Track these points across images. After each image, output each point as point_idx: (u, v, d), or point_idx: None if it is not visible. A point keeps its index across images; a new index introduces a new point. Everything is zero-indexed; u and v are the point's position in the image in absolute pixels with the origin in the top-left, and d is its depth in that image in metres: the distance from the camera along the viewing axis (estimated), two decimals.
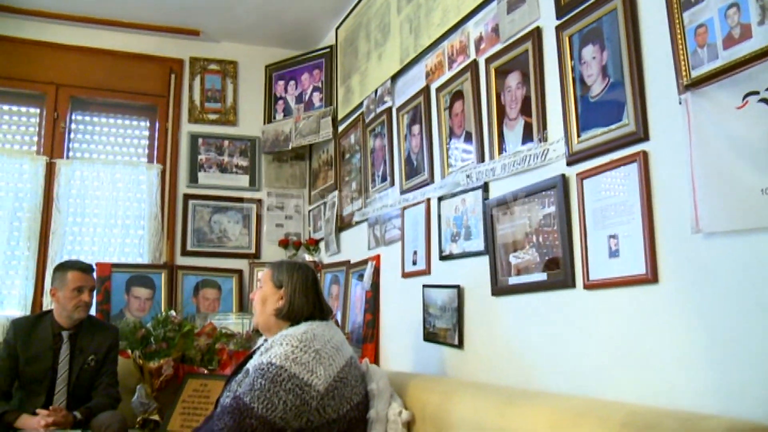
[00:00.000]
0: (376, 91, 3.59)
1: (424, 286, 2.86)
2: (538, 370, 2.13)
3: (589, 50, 2.01)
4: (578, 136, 2.02)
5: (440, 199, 2.81)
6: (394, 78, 3.40)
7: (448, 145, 2.80)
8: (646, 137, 1.77)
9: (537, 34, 2.27)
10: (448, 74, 2.84)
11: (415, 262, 3.00)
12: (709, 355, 1.54)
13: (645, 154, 1.77)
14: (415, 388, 2.30)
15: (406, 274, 3.09)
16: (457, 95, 2.75)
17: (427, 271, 2.89)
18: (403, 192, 3.18)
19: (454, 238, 2.69)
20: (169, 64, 4.63)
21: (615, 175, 1.86)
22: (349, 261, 3.82)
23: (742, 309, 1.47)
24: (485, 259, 2.44)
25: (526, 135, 2.29)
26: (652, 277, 1.71)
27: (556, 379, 2.03)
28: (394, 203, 3.26)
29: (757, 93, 1.44)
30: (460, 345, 2.57)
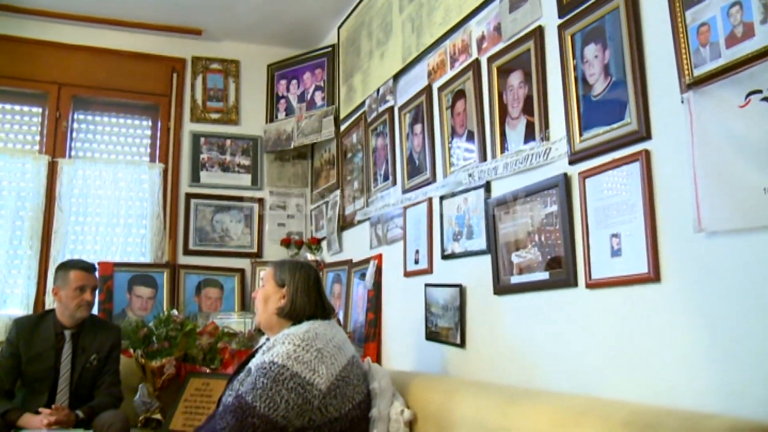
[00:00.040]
0: (378, 90, 3.59)
1: (426, 285, 2.86)
2: (540, 369, 2.13)
3: (591, 49, 2.00)
4: (580, 135, 2.02)
5: (442, 198, 2.81)
6: (396, 77, 3.39)
7: (450, 144, 2.80)
8: (648, 136, 1.77)
9: (539, 33, 2.26)
10: (450, 73, 2.84)
11: (417, 261, 3.00)
12: (711, 355, 1.53)
13: (647, 153, 1.76)
14: (417, 387, 2.30)
15: (408, 273, 3.09)
16: (459, 94, 2.74)
17: (429, 270, 2.89)
18: (405, 191, 3.18)
19: (456, 237, 2.68)
20: (171, 64, 4.63)
21: (617, 174, 1.86)
22: (351, 260, 3.83)
23: (744, 308, 1.47)
24: (487, 258, 2.44)
25: (528, 134, 2.29)
26: (654, 276, 1.71)
27: (558, 378, 2.03)
28: (396, 202, 3.26)
29: (759, 92, 1.44)
30: (462, 344, 2.57)
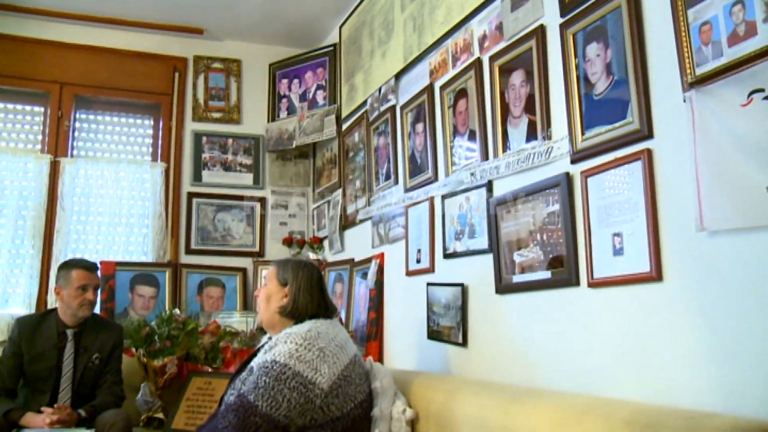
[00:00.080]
0: (380, 90, 3.58)
1: (428, 285, 2.86)
2: (542, 368, 2.13)
3: (593, 48, 2.00)
4: (582, 134, 2.01)
5: (444, 198, 2.81)
6: (398, 76, 3.39)
7: (452, 144, 2.80)
8: (650, 135, 1.77)
9: (541, 31, 2.26)
10: (452, 72, 2.84)
11: (419, 261, 3.00)
12: (713, 354, 1.53)
13: (649, 152, 1.76)
14: (419, 386, 2.30)
15: (410, 273, 3.08)
16: (461, 93, 2.74)
17: (431, 270, 2.89)
18: (407, 190, 3.18)
19: (458, 237, 2.68)
20: (172, 63, 4.63)
21: (619, 173, 1.86)
22: (353, 259, 3.83)
23: (746, 307, 1.46)
24: (489, 258, 2.44)
25: (530, 133, 2.29)
26: (656, 275, 1.70)
27: (560, 377, 2.03)
28: (398, 201, 3.26)
29: (762, 90, 1.43)
30: (464, 343, 2.57)
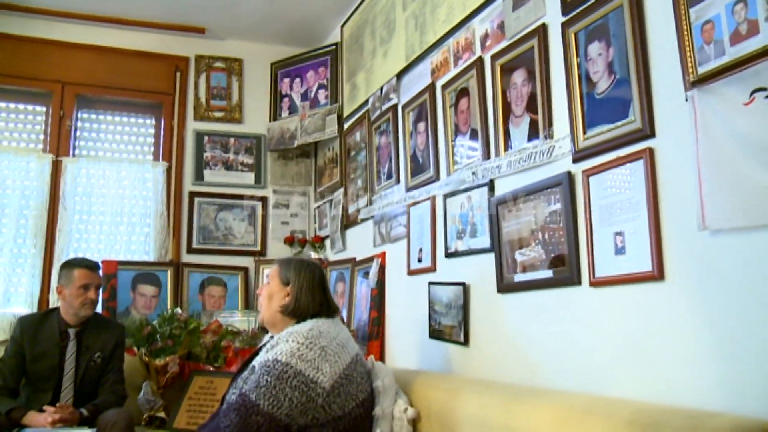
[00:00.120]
0: (382, 89, 3.58)
1: (430, 284, 2.86)
2: (543, 367, 2.12)
3: (595, 47, 2.00)
4: (584, 133, 2.01)
5: (446, 197, 2.81)
6: (400, 75, 3.39)
7: (454, 143, 2.80)
8: (652, 134, 1.77)
9: (543, 30, 2.26)
10: (454, 71, 2.84)
11: (420, 260, 3.00)
12: (715, 353, 1.53)
13: (651, 151, 1.76)
14: (421, 386, 2.30)
15: (411, 272, 3.08)
16: (463, 92, 2.74)
17: (433, 269, 2.88)
18: (408, 189, 3.18)
19: (460, 236, 2.68)
20: (174, 62, 4.63)
21: (621, 172, 1.86)
22: (355, 258, 3.83)
23: (748, 306, 1.46)
24: (491, 257, 2.44)
25: (532, 132, 2.28)
26: (658, 274, 1.70)
27: (561, 377, 2.03)
28: (400, 200, 3.25)
29: (764, 89, 1.43)
30: (466, 342, 2.57)
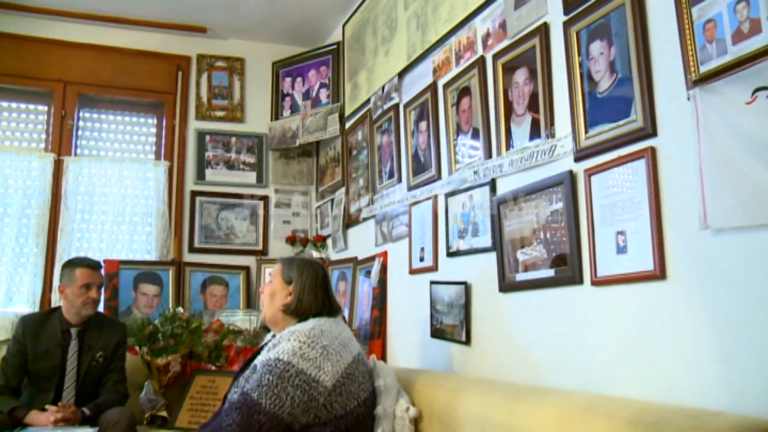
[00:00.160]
0: (383, 88, 3.58)
1: (432, 283, 2.86)
2: (545, 366, 2.12)
3: (597, 46, 2.00)
4: (586, 132, 2.01)
5: (447, 196, 2.80)
6: (401, 74, 3.39)
7: (455, 142, 2.79)
8: (654, 133, 1.77)
9: (544, 29, 2.26)
10: (456, 70, 2.83)
11: (422, 259, 3.00)
12: (718, 352, 1.53)
13: (653, 150, 1.76)
14: (423, 385, 2.30)
15: (413, 271, 3.08)
16: (465, 91, 2.74)
17: (435, 268, 2.88)
18: (410, 188, 3.18)
19: (462, 235, 2.68)
20: (176, 61, 4.63)
21: (623, 171, 1.85)
22: (357, 257, 3.83)
23: (750, 305, 1.46)
24: (492, 256, 2.44)
25: (534, 131, 2.28)
26: (659, 273, 1.70)
27: (563, 376, 2.02)
28: (402, 200, 3.25)
29: (766, 88, 1.43)
30: (468, 341, 2.57)
